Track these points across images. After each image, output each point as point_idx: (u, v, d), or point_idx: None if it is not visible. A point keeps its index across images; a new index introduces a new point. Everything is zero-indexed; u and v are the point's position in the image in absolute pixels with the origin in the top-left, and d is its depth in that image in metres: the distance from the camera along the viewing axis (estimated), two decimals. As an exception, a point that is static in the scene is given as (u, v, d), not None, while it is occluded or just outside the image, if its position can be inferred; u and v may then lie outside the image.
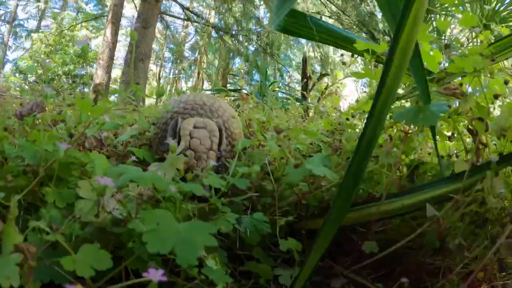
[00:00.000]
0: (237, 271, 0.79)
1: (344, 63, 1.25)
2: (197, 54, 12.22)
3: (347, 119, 1.10)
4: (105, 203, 0.60)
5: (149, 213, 0.53)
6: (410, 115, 0.77)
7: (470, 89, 0.78)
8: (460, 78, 0.82)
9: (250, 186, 0.83)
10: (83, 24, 9.98)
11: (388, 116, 0.98)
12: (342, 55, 1.19)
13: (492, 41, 0.82)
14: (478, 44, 0.82)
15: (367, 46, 0.92)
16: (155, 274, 0.39)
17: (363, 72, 0.92)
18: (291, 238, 0.78)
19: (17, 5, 10.77)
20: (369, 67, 0.92)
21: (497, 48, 0.77)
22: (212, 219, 0.73)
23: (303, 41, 10.92)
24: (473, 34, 0.93)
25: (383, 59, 0.93)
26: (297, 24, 0.99)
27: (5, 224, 0.44)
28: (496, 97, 0.68)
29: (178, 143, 0.92)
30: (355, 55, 1.07)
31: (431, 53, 0.88)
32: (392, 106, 0.93)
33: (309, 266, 0.65)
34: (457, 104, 0.79)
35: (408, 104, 0.91)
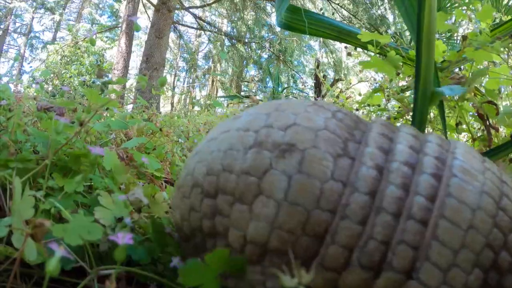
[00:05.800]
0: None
1: (349, 54, 1.24)
2: (210, 62, 12.31)
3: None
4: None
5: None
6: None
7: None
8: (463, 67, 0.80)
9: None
10: (98, 35, 10.18)
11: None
12: (346, 47, 1.18)
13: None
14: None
15: (371, 37, 0.91)
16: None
17: (371, 61, 0.90)
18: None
19: (33, 18, 11.07)
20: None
21: (501, 33, 0.74)
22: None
23: (316, 47, 10.94)
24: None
25: (387, 51, 0.91)
26: (298, 20, 0.98)
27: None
28: None
29: None
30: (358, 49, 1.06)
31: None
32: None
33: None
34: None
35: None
